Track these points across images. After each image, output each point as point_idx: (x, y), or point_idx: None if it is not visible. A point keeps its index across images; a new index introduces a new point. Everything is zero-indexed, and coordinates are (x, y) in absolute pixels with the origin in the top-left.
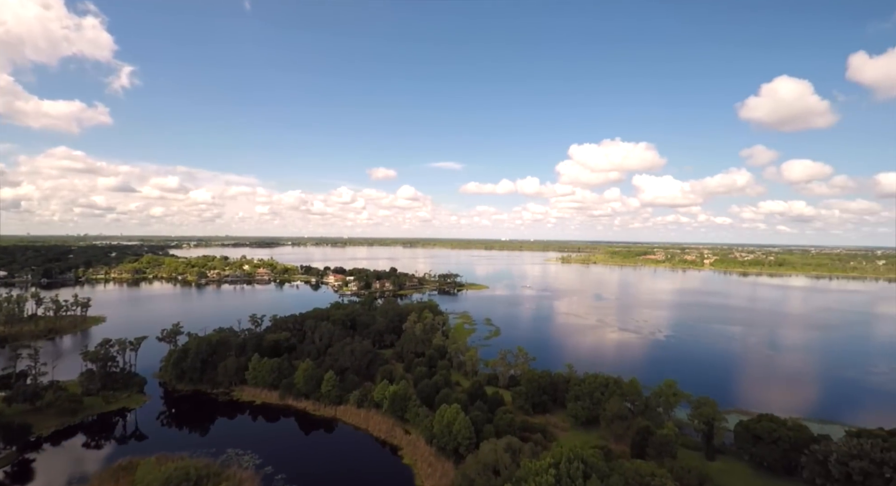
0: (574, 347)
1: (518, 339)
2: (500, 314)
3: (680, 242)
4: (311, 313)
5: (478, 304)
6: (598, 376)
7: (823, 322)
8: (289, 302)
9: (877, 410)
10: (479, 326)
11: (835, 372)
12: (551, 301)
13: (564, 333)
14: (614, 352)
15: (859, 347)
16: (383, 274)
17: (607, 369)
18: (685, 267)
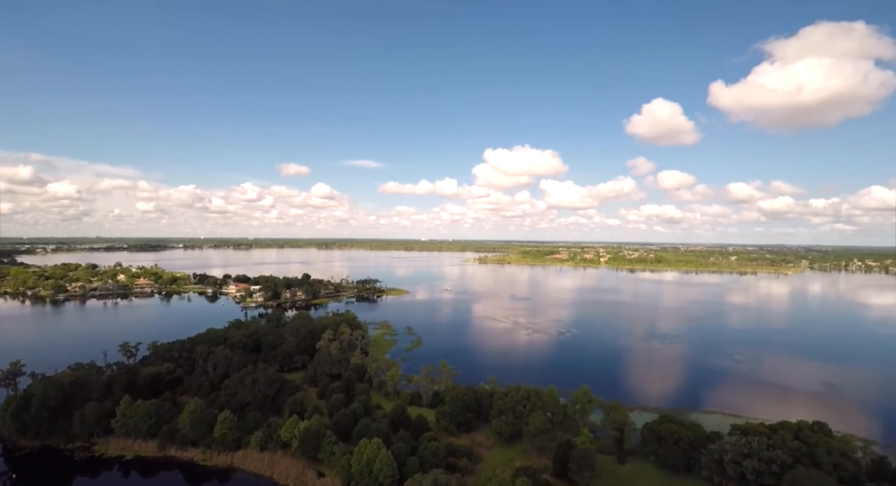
0: (494, 354)
1: (440, 348)
2: (421, 322)
3: (580, 240)
4: (203, 335)
5: (399, 311)
6: (519, 388)
7: (694, 314)
8: (176, 322)
9: (748, 396)
10: (401, 336)
11: (709, 361)
12: (470, 304)
13: (485, 338)
14: (531, 356)
15: (724, 336)
16: (295, 282)
17: (526, 374)
18: (585, 265)
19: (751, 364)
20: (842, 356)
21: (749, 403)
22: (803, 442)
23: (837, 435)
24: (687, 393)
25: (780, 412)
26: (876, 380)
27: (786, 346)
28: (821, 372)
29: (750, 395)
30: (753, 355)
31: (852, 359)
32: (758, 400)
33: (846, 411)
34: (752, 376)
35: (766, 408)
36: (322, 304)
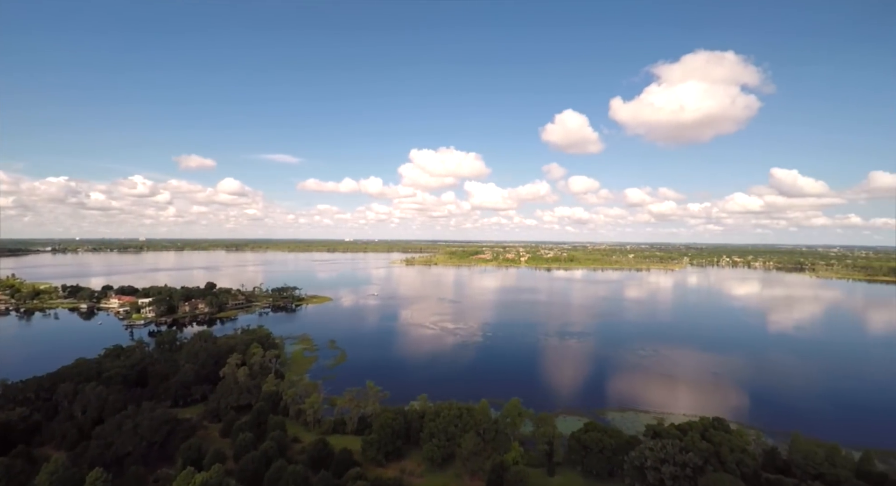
0: (424, 365)
1: (366, 363)
2: (346, 332)
3: (501, 240)
4: (70, 368)
5: (321, 321)
6: (451, 406)
7: (603, 310)
8: (36, 350)
9: (654, 391)
10: (323, 350)
11: (619, 357)
12: (398, 310)
13: (413, 349)
14: (460, 365)
15: (629, 330)
16: (196, 292)
17: (457, 387)
18: (507, 265)
19: (653, 358)
20: (723, 346)
21: (656, 397)
22: (710, 441)
23: (734, 428)
24: (603, 391)
25: (682, 405)
26: (752, 368)
27: (678, 337)
28: (709, 362)
29: (656, 389)
30: (654, 349)
31: (731, 348)
32: (663, 394)
33: (735, 400)
34: (656, 369)
35: (671, 402)
36: (230, 318)
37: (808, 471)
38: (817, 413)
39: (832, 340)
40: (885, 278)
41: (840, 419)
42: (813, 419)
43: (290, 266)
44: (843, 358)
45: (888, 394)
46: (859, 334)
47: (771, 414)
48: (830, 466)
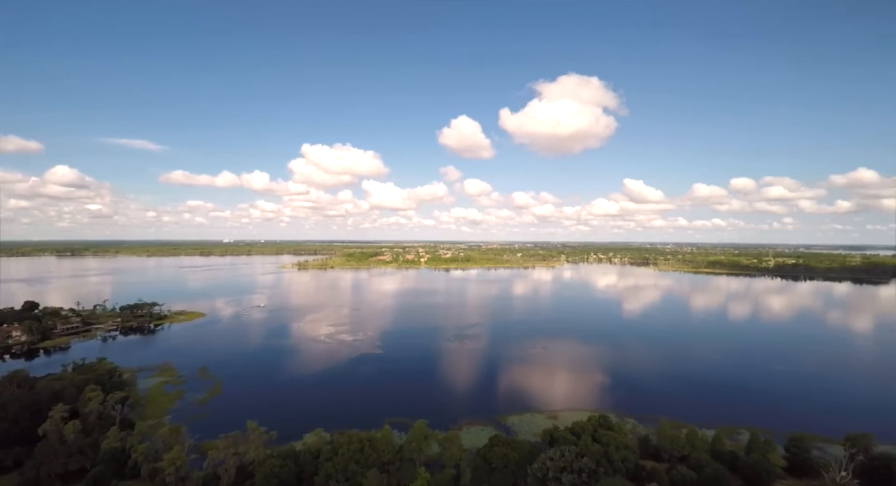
0: (318, 389)
1: (249, 393)
2: (222, 356)
3: (401, 240)
4: None
5: (189, 343)
6: (351, 438)
7: (495, 309)
8: None
9: (546, 387)
10: (191, 382)
11: (513, 355)
12: (289, 322)
13: (306, 370)
14: (360, 384)
15: (520, 327)
16: (7, 315)
17: (357, 412)
18: (408, 266)
19: (541, 354)
20: (595, 337)
21: (547, 395)
22: (600, 442)
23: (615, 421)
24: (502, 395)
25: (570, 401)
26: (619, 356)
27: (560, 331)
28: (587, 354)
29: (546, 386)
30: (541, 345)
31: (600, 338)
32: (553, 391)
33: (611, 390)
34: (544, 365)
35: (560, 398)
36: (60, 347)
37: (673, 455)
38: (674, 396)
39: (673, 324)
40: (705, 270)
41: (692, 399)
42: (672, 403)
43: (150, 275)
44: (684, 341)
45: (722, 373)
46: (691, 317)
47: (640, 401)
48: (691, 448)
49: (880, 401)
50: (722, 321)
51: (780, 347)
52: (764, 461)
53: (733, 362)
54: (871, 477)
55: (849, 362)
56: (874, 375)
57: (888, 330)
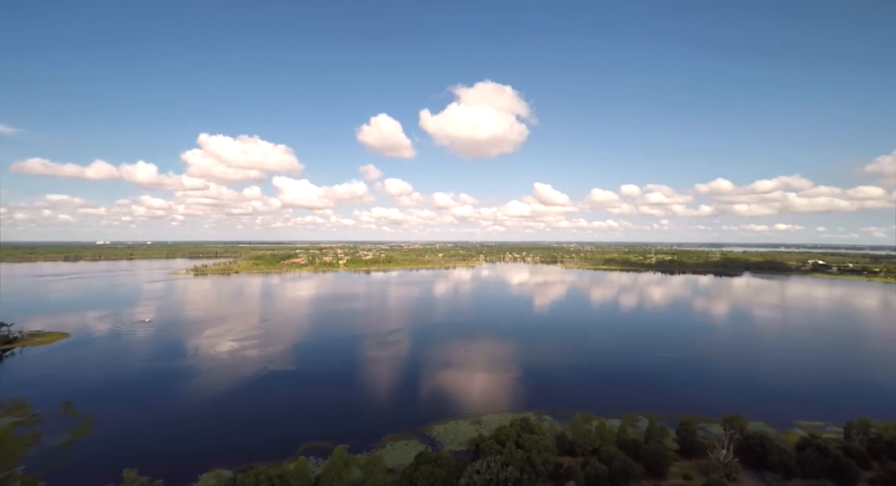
0: (217, 420)
1: (126, 431)
2: (91, 387)
3: (318, 240)
4: None
5: (47, 372)
6: (258, 474)
7: (418, 311)
8: None
9: (466, 391)
10: (50, 421)
11: (434, 358)
12: (183, 340)
13: (202, 397)
14: (268, 408)
15: (440, 330)
16: None
17: (264, 439)
18: (325, 269)
19: (460, 355)
20: (510, 334)
21: (469, 399)
22: (523, 448)
23: (534, 421)
24: (425, 403)
25: (491, 403)
26: (533, 352)
27: (478, 330)
28: (503, 352)
29: (466, 389)
30: (460, 345)
31: (515, 335)
32: (473, 394)
33: (528, 388)
34: (463, 367)
35: (480, 401)
36: None
37: (586, 449)
38: (583, 389)
39: (577, 318)
40: (602, 267)
41: (598, 390)
42: (582, 395)
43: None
44: (587, 333)
45: (620, 362)
46: (591, 311)
47: (555, 397)
48: (601, 441)
49: (745, 382)
50: (616, 313)
51: (662, 335)
52: (661, 448)
53: (627, 352)
54: (748, 454)
55: (716, 347)
56: (737, 358)
57: (743, 317)
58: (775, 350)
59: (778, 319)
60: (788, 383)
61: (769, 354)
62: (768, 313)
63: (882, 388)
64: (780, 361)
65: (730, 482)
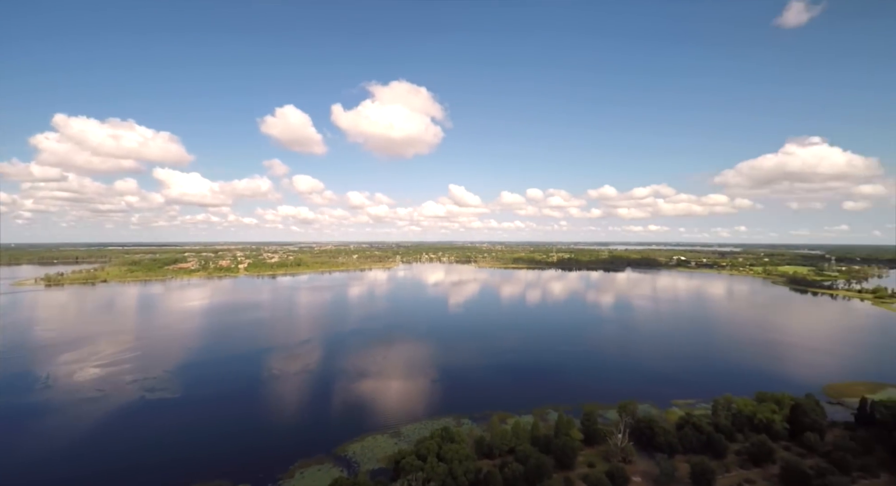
0: (78, 471)
1: None
2: None
3: (213, 241)
4: None
5: None
6: None
7: (330, 319)
8: None
9: (382, 402)
10: None
11: (344, 372)
12: (29, 370)
13: (57, 446)
14: (149, 451)
15: (354, 338)
16: None
17: None
18: (222, 274)
19: (380, 364)
20: (425, 336)
21: (386, 410)
22: (444, 460)
23: (454, 429)
24: (339, 420)
25: (409, 413)
26: (446, 354)
27: (394, 335)
28: (419, 357)
29: (387, 400)
30: (381, 354)
31: (429, 337)
32: (389, 404)
33: (445, 393)
34: (379, 376)
35: (397, 411)
36: None
37: (503, 449)
38: (498, 387)
39: (489, 316)
40: (511, 266)
41: (511, 387)
42: (498, 394)
43: None
44: (498, 330)
45: (529, 357)
46: (502, 308)
47: (472, 399)
48: (517, 440)
49: (631, 367)
50: (523, 310)
51: (563, 329)
52: (569, 441)
53: (535, 347)
54: (639, 437)
55: (606, 337)
56: (624, 346)
57: (626, 309)
58: (652, 337)
59: (652, 308)
60: (665, 367)
61: (648, 340)
62: (645, 303)
63: (737, 366)
64: (656, 346)
65: (626, 465)
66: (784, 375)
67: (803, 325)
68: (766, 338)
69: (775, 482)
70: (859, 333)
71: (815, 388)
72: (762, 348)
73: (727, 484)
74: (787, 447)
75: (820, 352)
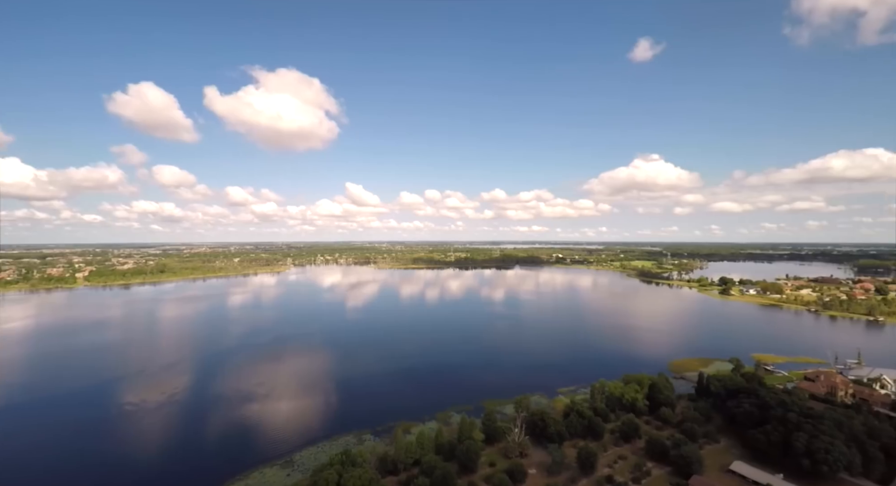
0: None
1: None
2: None
3: (40, 243)
4: None
5: None
6: None
7: (205, 339)
8: None
9: (272, 430)
10: None
11: (232, 398)
12: None
13: None
14: None
15: (237, 359)
16: None
17: None
18: (52, 286)
19: (268, 384)
20: (325, 349)
21: (280, 436)
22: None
23: (355, 448)
24: (221, 454)
25: (308, 434)
26: (348, 366)
27: (289, 350)
28: (319, 371)
29: (277, 425)
30: (269, 373)
31: (330, 349)
32: (286, 428)
33: (346, 407)
34: (272, 398)
35: (295, 436)
36: None
37: (408, 463)
38: (401, 396)
39: (389, 320)
40: (412, 266)
41: (415, 394)
42: (401, 403)
43: None
44: (398, 334)
45: (430, 360)
46: (402, 310)
47: (374, 411)
48: (422, 451)
49: (522, 360)
50: (423, 311)
51: (461, 327)
52: (472, 444)
53: (435, 349)
54: (533, 428)
55: (499, 333)
56: (515, 340)
57: (515, 305)
58: (538, 329)
59: (537, 302)
60: (551, 356)
61: (535, 333)
62: (531, 297)
63: (607, 351)
64: (542, 338)
65: (523, 458)
66: (642, 356)
67: (651, 310)
68: (626, 324)
69: (642, 455)
70: (690, 315)
71: (663, 365)
72: (624, 333)
73: (606, 462)
74: (648, 421)
75: (664, 334)
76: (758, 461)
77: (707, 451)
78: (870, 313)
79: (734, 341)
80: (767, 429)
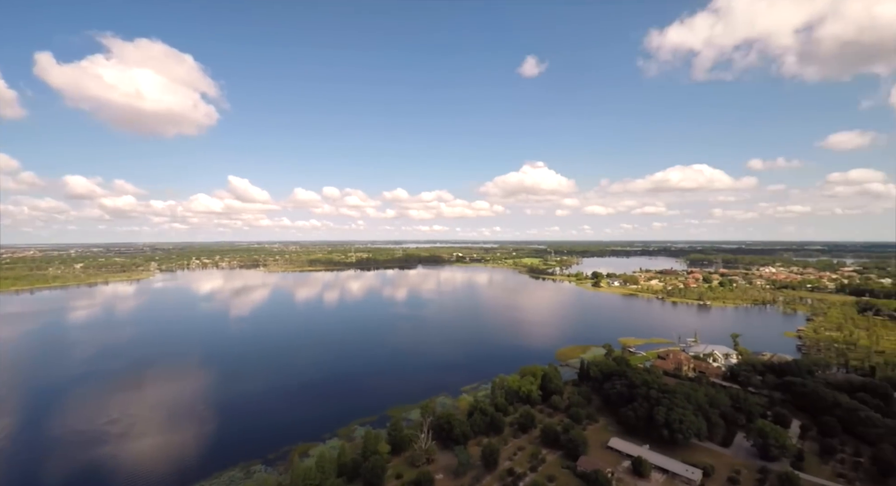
0: None
1: None
2: None
3: None
4: None
5: None
6: None
7: (30, 369)
8: None
9: (138, 471)
10: None
11: (70, 443)
12: None
13: None
14: None
15: (78, 392)
16: None
17: None
18: None
19: (126, 421)
20: (198, 371)
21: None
22: None
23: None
24: None
25: (181, 478)
26: (229, 388)
27: (150, 376)
28: (190, 398)
29: (135, 471)
30: (114, 412)
31: (205, 371)
32: (148, 474)
33: (230, 437)
34: (128, 437)
35: (160, 482)
36: None
37: None
38: (297, 415)
39: (281, 331)
40: (308, 268)
41: (312, 410)
42: (296, 424)
43: None
44: (293, 346)
45: (330, 369)
46: (297, 319)
47: (265, 437)
48: (322, 475)
49: (425, 361)
50: (322, 317)
51: (363, 331)
52: (377, 460)
53: (335, 357)
54: (440, 432)
55: (402, 334)
56: (416, 341)
57: (417, 305)
58: (440, 328)
59: (438, 301)
60: (454, 355)
61: (437, 332)
62: (433, 296)
63: (504, 348)
64: (444, 336)
65: (430, 465)
66: (534, 347)
67: (539, 304)
68: (520, 318)
69: (538, 443)
70: (570, 307)
71: (552, 355)
72: (518, 327)
73: (507, 455)
74: (542, 410)
75: (550, 326)
76: (630, 435)
77: (590, 431)
78: (700, 298)
79: (605, 327)
80: (635, 406)
